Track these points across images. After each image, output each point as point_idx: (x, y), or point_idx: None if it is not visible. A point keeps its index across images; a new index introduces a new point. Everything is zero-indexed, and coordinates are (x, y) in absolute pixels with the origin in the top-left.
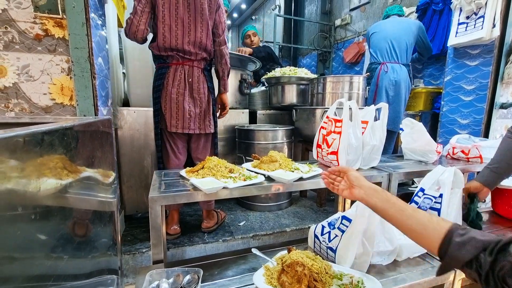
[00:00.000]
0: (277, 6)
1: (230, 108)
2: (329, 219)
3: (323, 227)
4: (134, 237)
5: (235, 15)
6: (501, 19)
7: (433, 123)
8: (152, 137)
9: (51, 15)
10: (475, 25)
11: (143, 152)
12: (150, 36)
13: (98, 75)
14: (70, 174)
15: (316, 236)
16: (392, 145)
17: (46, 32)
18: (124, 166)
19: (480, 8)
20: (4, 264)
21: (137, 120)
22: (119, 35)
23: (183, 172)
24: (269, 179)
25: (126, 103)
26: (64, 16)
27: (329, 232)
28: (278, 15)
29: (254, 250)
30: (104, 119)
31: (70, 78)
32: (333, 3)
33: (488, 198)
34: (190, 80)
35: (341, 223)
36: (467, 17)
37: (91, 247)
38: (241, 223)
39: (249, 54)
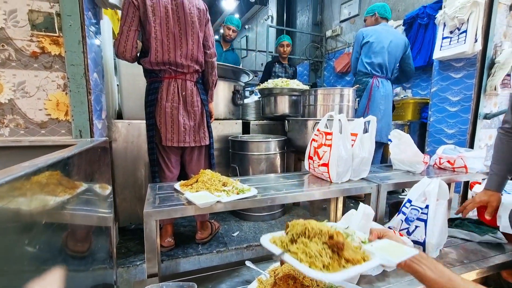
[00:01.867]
0: (270, 17)
1: (223, 119)
2: None
3: None
4: (128, 249)
5: None
6: (483, 34)
7: (422, 133)
8: (146, 149)
9: (48, 33)
10: (458, 39)
11: (137, 163)
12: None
13: (94, 90)
14: (71, 193)
15: None
16: (380, 156)
17: (43, 49)
18: (118, 178)
19: (462, 24)
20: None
21: (131, 132)
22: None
23: (177, 186)
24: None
25: (120, 115)
26: (61, 34)
27: None
28: (270, 26)
29: (247, 263)
30: (102, 141)
31: (66, 94)
32: (324, 15)
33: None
34: (183, 93)
35: None
36: (451, 32)
37: (90, 261)
38: (235, 234)
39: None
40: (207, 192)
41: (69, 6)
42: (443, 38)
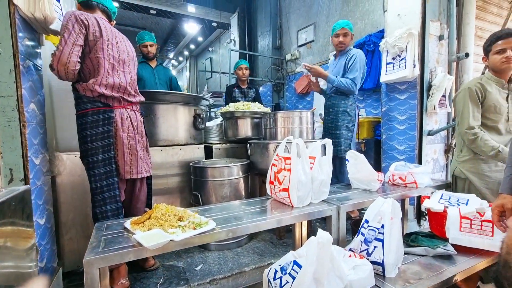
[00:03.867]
0: (232, 40)
1: (184, 144)
2: (281, 261)
3: (275, 271)
4: None
5: (192, 46)
6: (419, 61)
7: (377, 149)
8: None
9: None
10: (399, 65)
11: (86, 198)
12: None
13: (30, 123)
14: None
15: (269, 280)
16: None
17: None
18: (63, 216)
19: (402, 51)
20: None
21: (78, 165)
22: None
23: (127, 224)
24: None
25: None
26: None
27: (281, 278)
28: (232, 50)
29: None
30: (19, 192)
31: None
32: (283, 40)
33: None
34: (135, 123)
35: (292, 268)
36: (393, 58)
37: None
38: (198, 267)
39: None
40: (160, 230)
41: None
42: (387, 64)
